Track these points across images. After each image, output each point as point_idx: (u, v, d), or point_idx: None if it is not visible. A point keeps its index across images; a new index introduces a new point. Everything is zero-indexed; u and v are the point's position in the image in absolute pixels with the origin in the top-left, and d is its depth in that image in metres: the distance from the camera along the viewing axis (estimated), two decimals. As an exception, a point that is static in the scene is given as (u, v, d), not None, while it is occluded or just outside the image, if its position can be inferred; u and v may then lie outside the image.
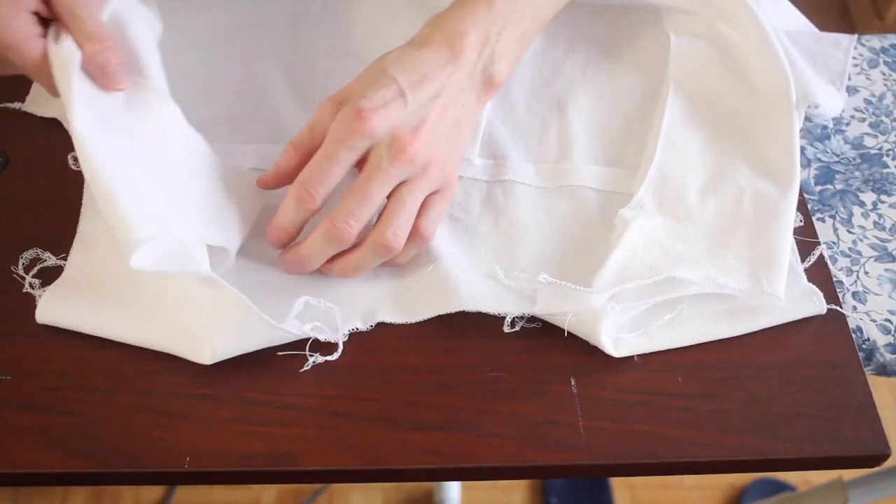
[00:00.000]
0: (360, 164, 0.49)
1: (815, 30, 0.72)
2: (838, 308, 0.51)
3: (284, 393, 0.47)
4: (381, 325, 0.50)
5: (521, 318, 0.50)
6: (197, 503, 1.20)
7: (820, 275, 0.53)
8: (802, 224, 0.56)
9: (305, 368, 0.48)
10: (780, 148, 0.56)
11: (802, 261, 0.54)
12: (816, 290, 0.51)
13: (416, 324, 0.50)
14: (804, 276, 0.53)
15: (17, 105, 0.61)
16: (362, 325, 0.50)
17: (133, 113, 0.49)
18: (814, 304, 0.51)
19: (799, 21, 0.71)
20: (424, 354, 0.49)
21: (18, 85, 0.62)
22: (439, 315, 0.50)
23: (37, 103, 0.61)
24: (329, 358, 0.48)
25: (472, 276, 0.52)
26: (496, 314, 0.50)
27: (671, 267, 0.49)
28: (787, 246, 0.51)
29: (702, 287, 0.49)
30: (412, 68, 0.50)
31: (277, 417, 0.47)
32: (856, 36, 0.71)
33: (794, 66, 0.62)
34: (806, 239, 0.55)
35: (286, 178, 0.51)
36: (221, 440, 0.46)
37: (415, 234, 0.50)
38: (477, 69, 0.52)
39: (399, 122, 0.48)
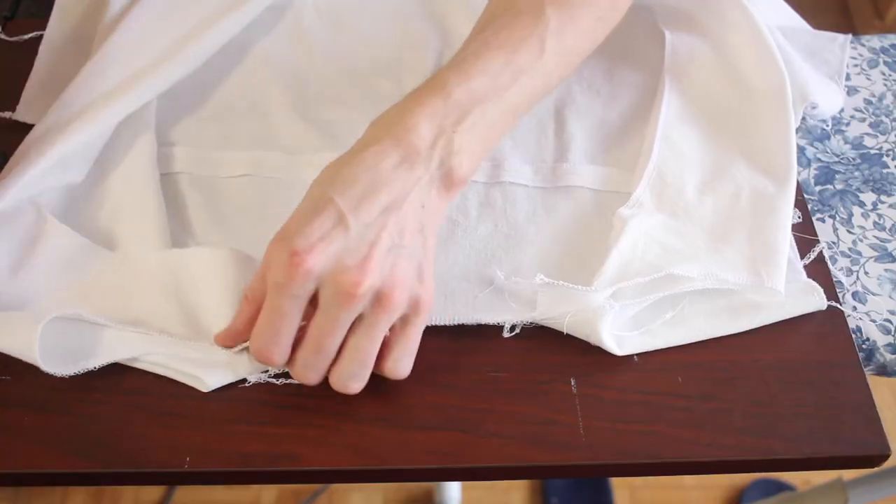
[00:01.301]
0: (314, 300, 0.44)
1: (809, 27, 0.72)
2: (838, 305, 0.52)
3: (284, 393, 0.47)
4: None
5: (520, 323, 0.50)
6: (197, 503, 1.20)
7: (820, 274, 0.53)
8: (801, 220, 0.56)
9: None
10: (777, 144, 0.56)
11: (802, 258, 0.54)
12: (816, 285, 0.51)
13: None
14: (803, 273, 0.53)
15: (7, 114, 0.61)
16: None
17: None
18: (814, 299, 0.51)
19: (793, 19, 0.72)
20: (424, 354, 0.49)
21: (9, 93, 0.62)
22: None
23: (28, 112, 0.61)
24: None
25: (469, 285, 0.52)
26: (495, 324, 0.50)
27: (671, 264, 0.49)
28: (786, 241, 0.52)
29: (702, 283, 0.49)
30: (352, 180, 0.43)
31: (277, 417, 0.47)
32: (850, 35, 0.71)
33: (791, 64, 0.62)
34: (805, 236, 0.55)
35: (242, 334, 0.46)
36: (221, 440, 0.46)
37: (386, 373, 0.46)
38: (432, 164, 0.45)
39: (342, 254, 0.41)
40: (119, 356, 0.47)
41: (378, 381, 0.48)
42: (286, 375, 0.47)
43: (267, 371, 0.48)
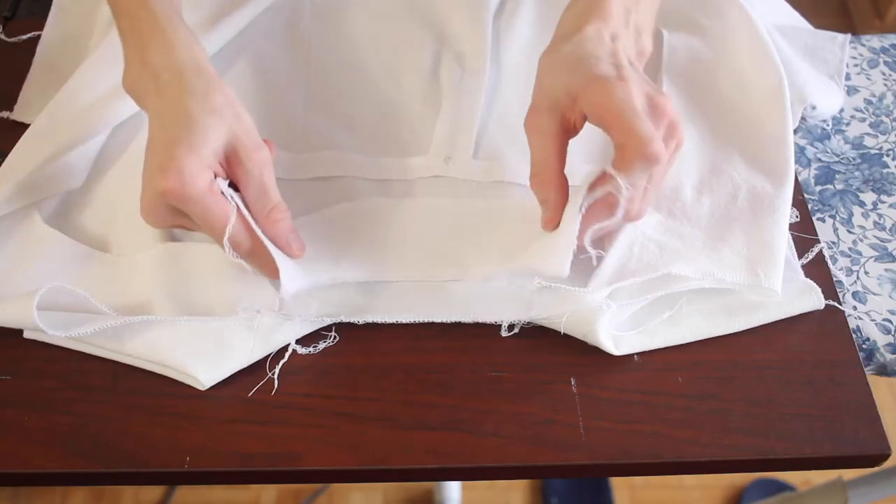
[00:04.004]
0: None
1: (809, 26, 0.72)
2: (837, 305, 0.51)
3: (284, 393, 0.47)
4: (381, 325, 0.50)
5: (518, 322, 0.50)
6: (197, 503, 1.20)
7: (820, 273, 0.53)
8: (799, 220, 0.56)
9: (296, 352, 0.48)
10: (775, 144, 0.56)
11: (801, 258, 0.54)
12: (814, 284, 0.51)
13: (417, 324, 0.50)
14: (801, 272, 0.53)
15: (5, 114, 0.61)
16: (348, 319, 0.50)
17: None
18: (812, 298, 0.51)
19: (792, 17, 0.72)
20: (424, 354, 0.49)
21: (8, 93, 0.62)
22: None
23: (26, 112, 0.61)
24: (312, 350, 0.49)
25: (468, 283, 0.52)
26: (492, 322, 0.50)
27: (668, 264, 0.49)
28: (783, 241, 0.52)
29: (699, 282, 0.49)
30: (599, 45, 0.48)
31: (277, 417, 0.47)
32: (849, 34, 0.71)
33: (790, 63, 0.62)
34: (805, 236, 0.55)
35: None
36: (221, 440, 0.46)
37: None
38: (631, 42, 0.50)
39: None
40: (111, 323, 0.47)
41: (377, 375, 0.48)
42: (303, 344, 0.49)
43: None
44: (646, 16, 0.52)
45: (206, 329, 0.48)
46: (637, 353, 0.49)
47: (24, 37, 0.68)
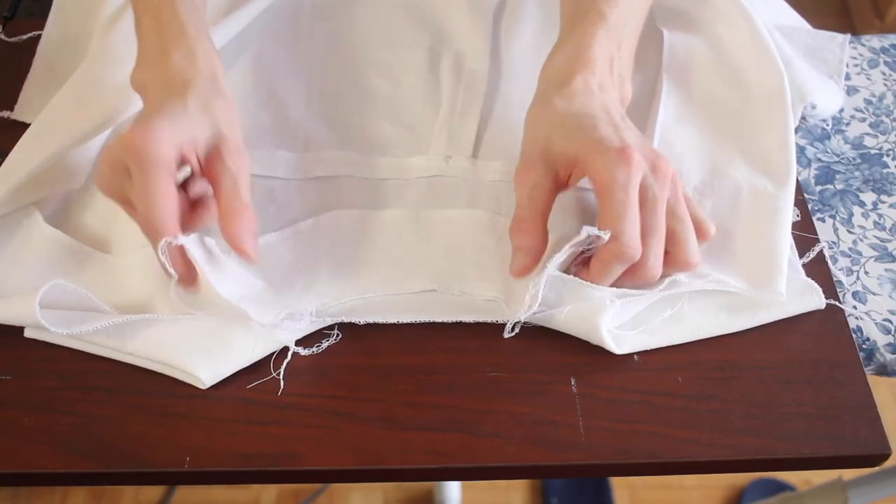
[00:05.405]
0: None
1: (808, 26, 0.72)
2: (838, 304, 0.51)
3: (284, 393, 0.47)
4: (381, 325, 0.50)
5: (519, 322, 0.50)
6: (197, 503, 1.20)
7: (820, 273, 0.53)
8: (800, 219, 0.56)
9: (296, 353, 0.48)
10: (776, 145, 0.56)
11: (801, 258, 0.54)
12: (815, 284, 0.51)
13: (416, 324, 0.50)
14: (802, 272, 0.53)
15: (6, 114, 0.61)
16: (348, 319, 0.50)
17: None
18: (813, 298, 0.51)
19: (792, 17, 0.72)
20: (424, 354, 0.49)
21: (8, 92, 0.62)
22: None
23: (26, 112, 0.61)
24: (313, 351, 0.49)
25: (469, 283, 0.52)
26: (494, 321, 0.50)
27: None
28: (786, 242, 0.52)
29: (701, 284, 0.49)
30: (588, 103, 0.49)
31: (277, 417, 0.47)
32: (849, 34, 0.71)
33: (790, 64, 0.62)
34: (805, 235, 0.55)
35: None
36: (221, 440, 0.46)
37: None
38: (616, 88, 0.51)
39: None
40: (112, 321, 0.47)
41: (377, 375, 0.48)
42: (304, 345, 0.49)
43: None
44: (627, 62, 0.52)
45: (208, 328, 0.48)
46: (637, 353, 0.49)
47: (24, 37, 0.68)
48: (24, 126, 0.58)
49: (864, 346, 0.54)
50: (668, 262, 0.48)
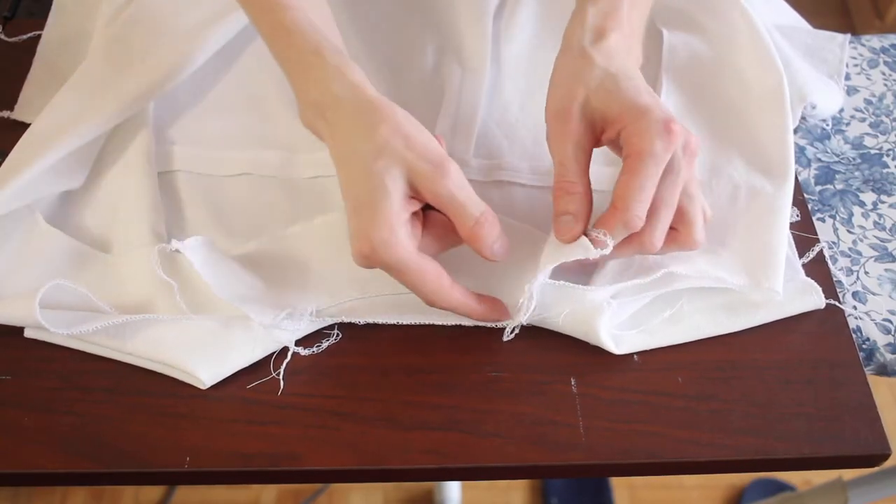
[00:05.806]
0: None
1: (808, 26, 0.72)
2: (837, 304, 0.51)
3: (284, 393, 0.47)
4: (381, 325, 0.50)
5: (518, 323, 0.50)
6: (197, 503, 1.20)
7: (820, 273, 0.53)
8: (799, 219, 0.56)
9: (296, 354, 0.48)
10: (775, 143, 0.56)
11: (801, 258, 0.54)
12: (814, 284, 0.51)
13: (417, 325, 0.50)
14: (802, 272, 0.53)
15: (6, 113, 0.61)
16: (348, 320, 0.50)
17: None
18: (812, 298, 0.51)
19: (791, 17, 0.72)
20: (424, 355, 0.49)
21: (8, 92, 0.62)
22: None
23: (26, 112, 0.61)
24: (314, 351, 0.49)
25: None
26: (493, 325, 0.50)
27: (668, 263, 0.49)
28: (784, 241, 0.52)
29: (699, 281, 0.49)
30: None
31: (277, 417, 0.47)
32: (849, 34, 0.71)
33: (790, 64, 0.62)
34: (805, 235, 0.55)
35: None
36: (221, 440, 0.46)
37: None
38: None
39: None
40: (112, 321, 0.47)
41: (377, 375, 0.48)
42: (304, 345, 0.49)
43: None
44: (642, 28, 0.52)
45: (208, 328, 0.48)
46: (637, 353, 0.49)
47: (24, 37, 0.68)
48: (24, 126, 0.58)
49: (864, 347, 0.54)
50: (673, 238, 0.47)
